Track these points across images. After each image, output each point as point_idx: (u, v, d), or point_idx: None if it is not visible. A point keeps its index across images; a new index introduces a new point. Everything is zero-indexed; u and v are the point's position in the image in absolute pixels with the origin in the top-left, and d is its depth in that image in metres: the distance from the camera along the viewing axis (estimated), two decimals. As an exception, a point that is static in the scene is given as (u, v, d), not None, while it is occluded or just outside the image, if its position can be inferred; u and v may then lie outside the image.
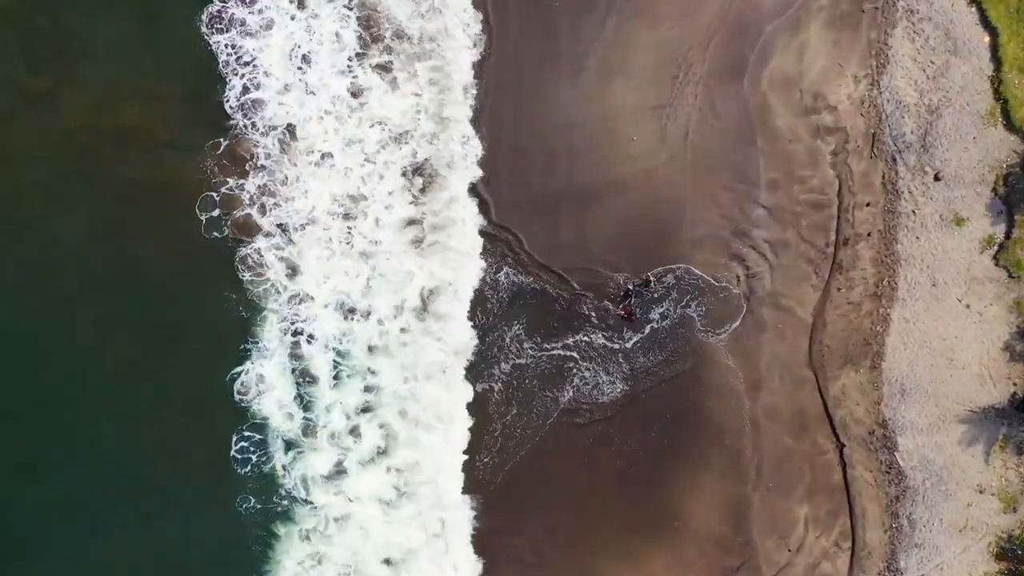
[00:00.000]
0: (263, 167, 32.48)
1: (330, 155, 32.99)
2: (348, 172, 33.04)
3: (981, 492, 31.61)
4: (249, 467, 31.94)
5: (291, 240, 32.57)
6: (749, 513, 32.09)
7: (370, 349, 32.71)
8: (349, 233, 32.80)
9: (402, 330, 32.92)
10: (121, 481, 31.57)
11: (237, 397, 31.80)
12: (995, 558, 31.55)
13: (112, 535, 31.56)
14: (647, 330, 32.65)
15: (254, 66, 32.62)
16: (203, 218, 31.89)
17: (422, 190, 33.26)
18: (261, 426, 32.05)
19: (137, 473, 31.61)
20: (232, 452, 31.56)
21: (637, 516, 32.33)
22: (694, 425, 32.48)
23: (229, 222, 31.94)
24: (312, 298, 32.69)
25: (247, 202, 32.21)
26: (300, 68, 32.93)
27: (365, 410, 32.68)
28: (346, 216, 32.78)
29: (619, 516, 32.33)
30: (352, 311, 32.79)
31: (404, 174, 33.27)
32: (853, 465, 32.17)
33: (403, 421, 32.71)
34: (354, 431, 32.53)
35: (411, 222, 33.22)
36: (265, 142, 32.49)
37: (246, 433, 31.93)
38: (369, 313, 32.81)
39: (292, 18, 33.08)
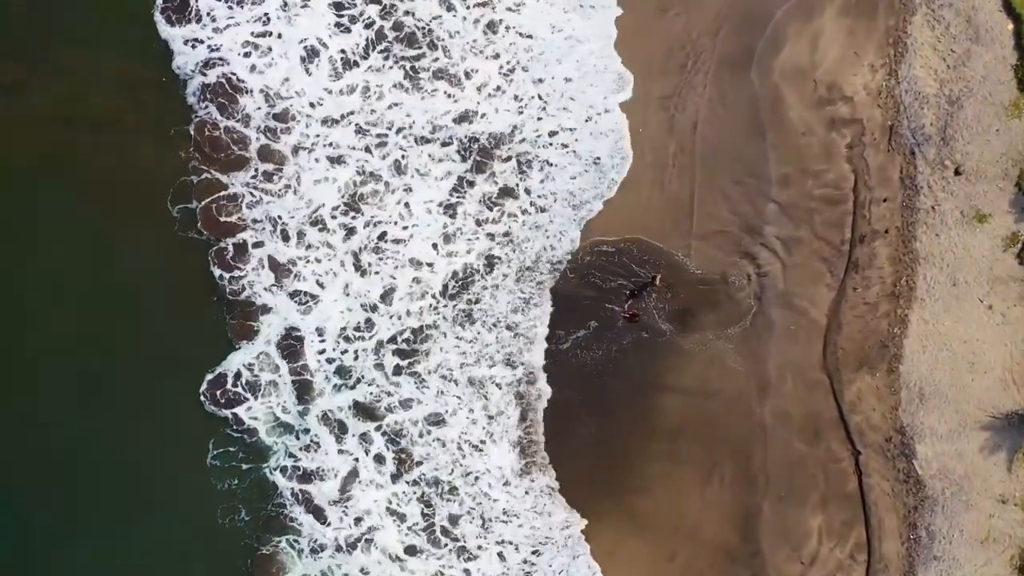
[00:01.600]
0: (249, 157, 31.33)
1: (334, 146, 31.65)
2: (362, 161, 31.69)
3: (1004, 502, 30.59)
4: (237, 478, 30.65)
5: (285, 234, 31.34)
6: (759, 522, 31.24)
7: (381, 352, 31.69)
8: (349, 231, 31.70)
9: (423, 328, 31.69)
10: (97, 492, 30.48)
11: (210, 408, 30.68)
12: (1019, 571, 30.52)
13: (93, 546, 30.51)
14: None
15: (225, 51, 31.38)
16: (176, 212, 30.84)
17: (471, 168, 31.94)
18: (252, 431, 31.17)
19: (112, 484, 30.55)
20: (209, 460, 30.48)
21: (641, 525, 31.58)
22: (701, 430, 31.61)
23: (201, 213, 30.90)
24: (314, 296, 31.41)
25: (230, 194, 31.18)
26: (306, 58, 31.68)
27: (374, 418, 31.59)
28: (354, 210, 31.64)
29: (623, 525, 31.57)
30: (367, 308, 31.66)
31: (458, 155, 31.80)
32: (869, 473, 31.23)
33: (421, 435, 31.54)
34: (364, 437, 31.40)
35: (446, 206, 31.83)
36: (242, 129, 31.39)
37: (234, 435, 30.83)
38: (392, 314, 31.65)
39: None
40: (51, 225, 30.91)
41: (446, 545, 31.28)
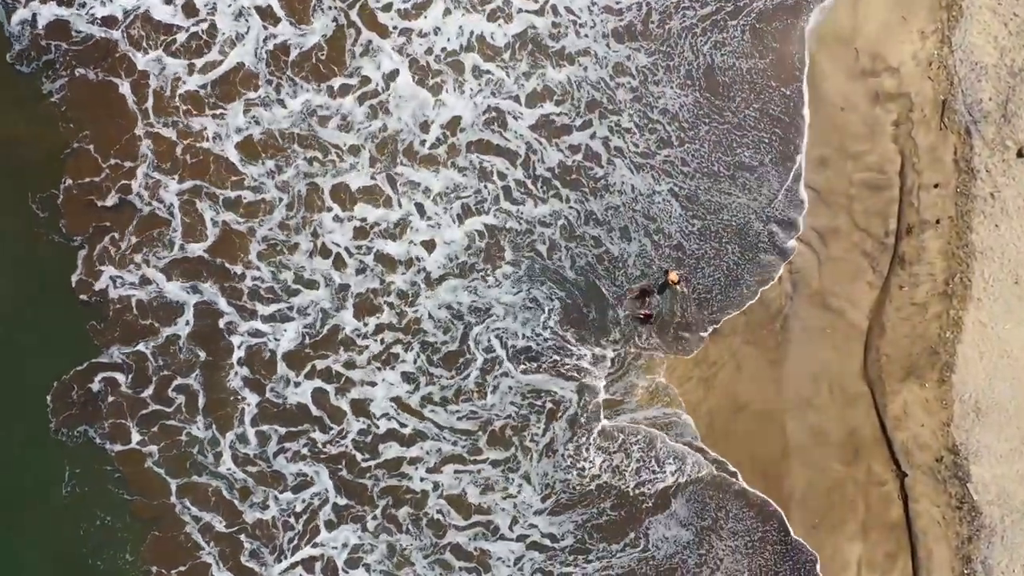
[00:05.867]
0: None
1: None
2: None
3: (1072, 533, 28.49)
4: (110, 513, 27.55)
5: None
6: (789, 552, 29.41)
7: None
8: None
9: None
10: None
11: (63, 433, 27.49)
12: (1087, 611, 28.27)
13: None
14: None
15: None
16: (36, 206, 27.31)
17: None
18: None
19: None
20: (64, 492, 27.43)
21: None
22: (724, 448, 29.69)
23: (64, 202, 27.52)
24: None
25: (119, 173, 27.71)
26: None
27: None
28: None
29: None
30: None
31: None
32: (917, 498, 29.26)
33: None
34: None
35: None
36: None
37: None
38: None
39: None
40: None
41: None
